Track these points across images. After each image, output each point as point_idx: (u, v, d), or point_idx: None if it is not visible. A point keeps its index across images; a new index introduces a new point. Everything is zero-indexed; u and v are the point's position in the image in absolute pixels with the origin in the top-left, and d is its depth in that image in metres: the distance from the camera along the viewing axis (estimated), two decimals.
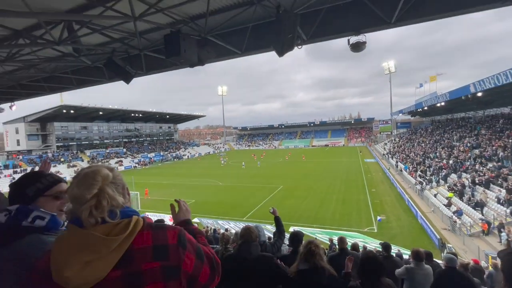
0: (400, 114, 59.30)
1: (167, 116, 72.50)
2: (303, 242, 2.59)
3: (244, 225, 13.85)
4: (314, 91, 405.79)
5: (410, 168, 28.78)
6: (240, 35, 7.41)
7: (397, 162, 34.92)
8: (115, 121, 64.24)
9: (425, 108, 38.83)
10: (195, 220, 17.98)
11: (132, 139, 68.40)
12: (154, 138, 75.56)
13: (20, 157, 44.77)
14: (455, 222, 14.76)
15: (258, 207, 20.78)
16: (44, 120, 49.71)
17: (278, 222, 3.81)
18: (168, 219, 17.02)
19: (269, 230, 15.47)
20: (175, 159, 64.58)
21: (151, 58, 8.36)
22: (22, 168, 40.62)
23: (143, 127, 72.34)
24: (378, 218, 16.06)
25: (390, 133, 68.59)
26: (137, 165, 54.49)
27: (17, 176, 38.34)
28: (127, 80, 7.32)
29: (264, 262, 2.30)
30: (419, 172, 26.11)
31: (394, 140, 54.17)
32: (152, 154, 62.98)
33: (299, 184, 28.26)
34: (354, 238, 13.54)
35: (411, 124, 62.07)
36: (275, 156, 57.25)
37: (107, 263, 0.85)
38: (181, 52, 5.07)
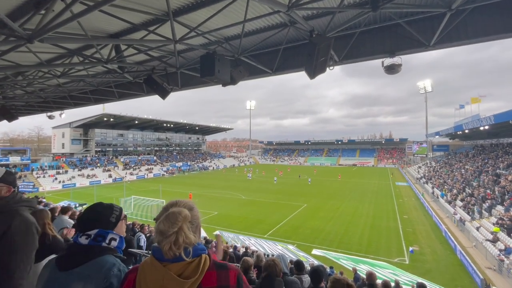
0: (437, 136, 55.53)
1: (197, 128, 75.27)
2: (331, 279, 2.30)
3: (266, 243, 13.33)
4: (345, 108, 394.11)
5: (448, 196, 26.43)
6: (272, 55, 7.58)
7: (433, 188, 32.36)
8: (149, 130, 68.00)
9: (466, 131, 35.95)
10: (217, 232, 18.01)
11: (163, 148, 71.71)
12: (183, 148, 78.48)
13: (63, 159, 48.84)
14: (502, 261, 13.09)
15: (280, 224, 20.29)
16: (86, 126, 54.27)
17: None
18: None
19: (290, 250, 14.99)
20: (201, 170, 66.15)
21: (187, 76, 8.84)
22: (64, 170, 44.19)
23: (173, 137, 75.64)
24: (410, 249, 14.77)
25: (425, 155, 64.25)
26: (165, 173, 56.61)
27: (60, 177, 41.23)
28: (163, 95, 7.76)
29: None
30: (458, 201, 23.87)
31: (430, 163, 50.55)
32: (180, 164, 65.16)
33: (324, 204, 27.21)
34: (382, 268, 12.56)
35: (449, 147, 57.63)
36: (300, 173, 56.12)
37: None
38: (215, 72, 5.28)
